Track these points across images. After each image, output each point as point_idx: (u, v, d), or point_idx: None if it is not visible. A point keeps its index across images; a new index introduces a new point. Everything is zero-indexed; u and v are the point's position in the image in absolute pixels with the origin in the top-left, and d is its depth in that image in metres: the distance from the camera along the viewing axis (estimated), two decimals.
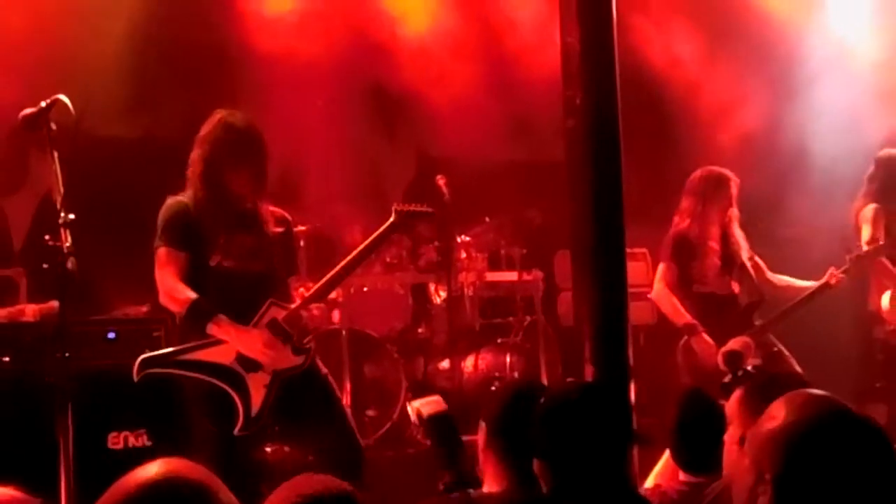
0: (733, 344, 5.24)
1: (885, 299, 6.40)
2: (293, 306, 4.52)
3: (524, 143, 7.95)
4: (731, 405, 2.99)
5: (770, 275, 6.44)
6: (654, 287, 6.29)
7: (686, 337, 6.05)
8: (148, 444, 5.48)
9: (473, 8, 7.94)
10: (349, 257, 4.71)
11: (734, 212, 6.27)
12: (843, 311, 6.93)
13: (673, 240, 6.23)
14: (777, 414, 1.96)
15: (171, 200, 4.55)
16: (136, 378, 4.37)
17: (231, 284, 4.45)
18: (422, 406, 3.44)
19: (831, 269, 6.24)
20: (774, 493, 1.88)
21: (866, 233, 6.40)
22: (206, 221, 4.48)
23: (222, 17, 7.45)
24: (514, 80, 7.71)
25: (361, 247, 4.75)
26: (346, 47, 7.86)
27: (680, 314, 6.07)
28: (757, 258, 6.42)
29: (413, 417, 3.51)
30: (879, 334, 6.59)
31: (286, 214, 4.81)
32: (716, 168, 6.32)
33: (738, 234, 6.29)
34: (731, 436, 2.95)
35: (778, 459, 1.90)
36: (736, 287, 6.23)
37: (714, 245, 6.16)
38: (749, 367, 4.15)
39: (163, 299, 4.52)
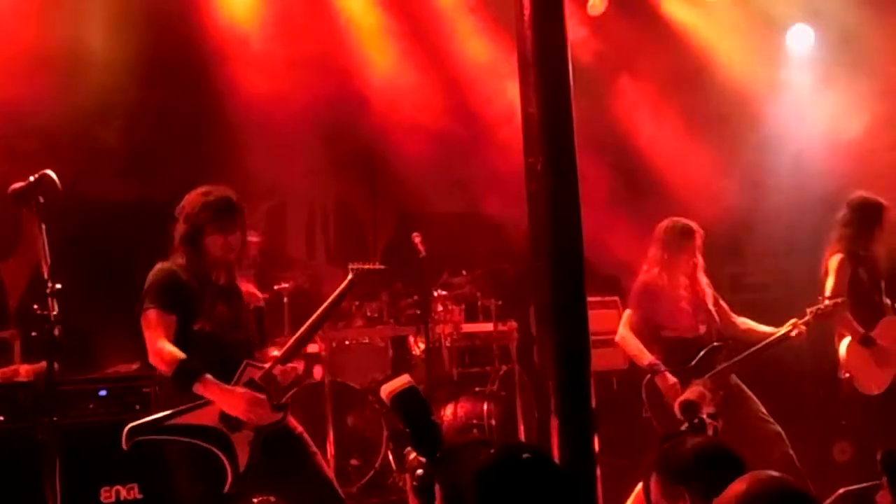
0: (689, 394, 5.39)
1: (843, 348, 6.60)
2: (267, 366, 4.72)
3: (498, 198, 8.22)
4: (654, 493, 3.14)
5: (735, 318, 6.62)
6: (618, 331, 6.52)
7: (650, 375, 6.28)
8: (139, 497, 5.73)
9: (446, 70, 8.24)
10: (312, 318, 4.91)
11: (699, 261, 6.48)
12: (811, 350, 7.14)
13: (640, 287, 6.47)
14: (740, 486, 2.35)
15: (160, 265, 4.72)
16: (125, 446, 4.51)
17: (212, 347, 4.64)
18: (384, 388, 3.40)
19: (793, 321, 6.39)
20: None
21: (830, 283, 6.57)
22: (192, 286, 4.67)
23: (213, 83, 7.70)
24: (489, 138, 8.00)
25: (324, 306, 4.94)
26: (332, 110, 8.16)
27: (643, 354, 6.32)
28: (721, 302, 6.61)
29: (385, 400, 3.55)
30: (842, 374, 6.76)
31: (258, 293, 5.06)
32: (681, 219, 6.54)
33: (704, 282, 6.49)
34: None
35: None
36: (702, 329, 6.42)
37: (681, 291, 6.38)
38: (704, 416, 4.38)
39: (152, 359, 4.66)
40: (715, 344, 6.38)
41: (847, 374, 6.59)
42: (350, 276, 4.99)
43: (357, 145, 8.76)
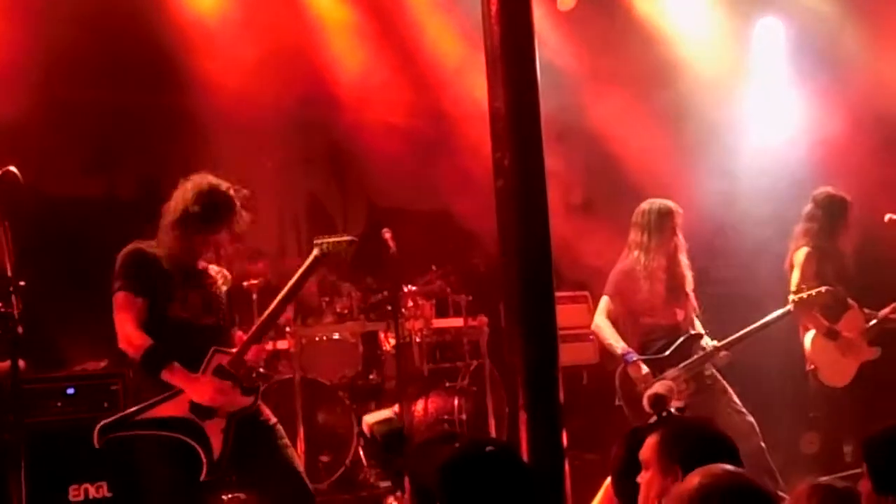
0: (657, 387, 5.41)
1: (807, 340, 6.66)
2: (234, 351, 4.72)
3: (468, 194, 8.25)
4: (647, 451, 3.19)
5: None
6: (594, 319, 6.44)
7: (623, 364, 6.23)
8: (108, 495, 5.72)
9: (416, 67, 8.24)
10: (278, 297, 4.85)
11: (680, 241, 6.39)
12: (781, 343, 7.18)
13: (618, 274, 6.38)
14: (693, 479, 2.40)
15: (131, 247, 4.69)
16: (97, 444, 4.50)
17: (185, 334, 4.64)
18: (374, 424, 3.53)
19: (777, 313, 6.39)
20: None
21: (796, 276, 6.63)
22: (166, 272, 4.64)
23: (178, 79, 7.66)
24: (459, 135, 8.02)
25: (290, 284, 4.87)
26: (302, 106, 8.13)
27: (617, 343, 6.24)
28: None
29: (366, 432, 3.60)
30: (808, 367, 6.81)
31: (227, 273, 4.99)
32: (659, 199, 6.47)
33: (685, 264, 6.41)
34: (647, 481, 3.17)
35: None
36: (681, 315, 6.35)
37: (660, 274, 6.29)
38: (672, 410, 4.42)
39: (121, 343, 4.64)
40: (692, 332, 6.33)
41: (812, 367, 6.66)
42: (315, 252, 4.87)
43: (327, 141, 8.75)
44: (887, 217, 6.80)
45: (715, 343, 6.33)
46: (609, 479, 3.69)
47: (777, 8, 8.87)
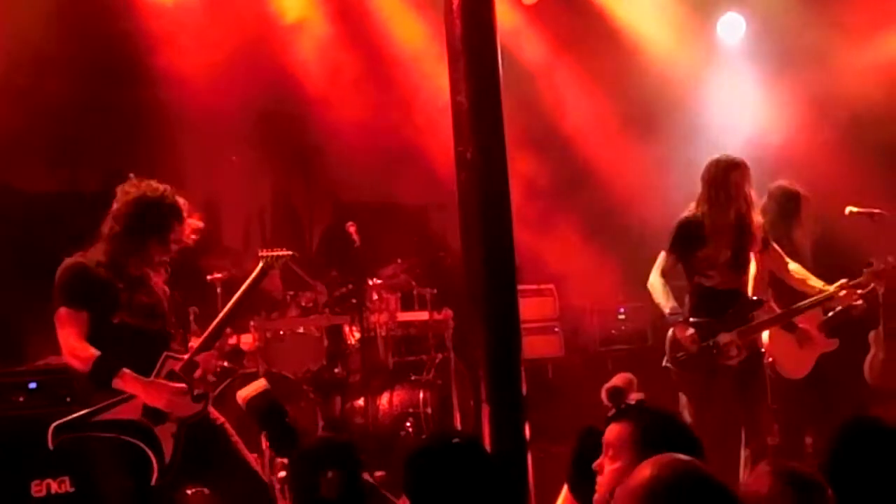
0: (616, 380, 5.35)
1: (765, 333, 6.68)
2: (186, 357, 4.75)
3: (435, 186, 8.27)
4: (619, 439, 3.18)
5: (789, 264, 6.32)
6: (650, 277, 6.10)
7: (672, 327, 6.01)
8: (70, 490, 5.69)
9: (383, 59, 8.24)
10: (227, 307, 4.97)
11: (753, 198, 6.01)
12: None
13: (677, 228, 6.04)
14: (644, 470, 2.36)
15: (68, 262, 4.68)
16: (50, 445, 4.51)
17: (134, 340, 4.64)
18: (239, 393, 3.57)
19: (842, 281, 6.23)
20: None
21: (752, 269, 6.66)
22: (107, 281, 4.64)
23: (142, 75, 7.63)
24: (424, 128, 8.03)
25: (238, 294, 5.00)
26: (266, 100, 8.10)
27: (666, 303, 5.99)
28: (775, 245, 6.27)
29: (242, 406, 3.66)
30: (766, 359, 6.84)
31: (166, 288, 4.97)
32: (728, 154, 6.12)
33: (756, 223, 6.03)
34: (618, 469, 3.12)
35: None
36: (743, 280, 6.07)
37: (724, 234, 5.94)
38: (631, 402, 4.44)
39: (66, 358, 4.64)
40: (754, 298, 6.10)
41: (770, 359, 6.70)
42: (261, 264, 5.07)
43: (293, 136, 8.73)
44: (848, 210, 6.86)
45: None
46: (565, 488, 3.64)
47: (739, 4, 8.95)
